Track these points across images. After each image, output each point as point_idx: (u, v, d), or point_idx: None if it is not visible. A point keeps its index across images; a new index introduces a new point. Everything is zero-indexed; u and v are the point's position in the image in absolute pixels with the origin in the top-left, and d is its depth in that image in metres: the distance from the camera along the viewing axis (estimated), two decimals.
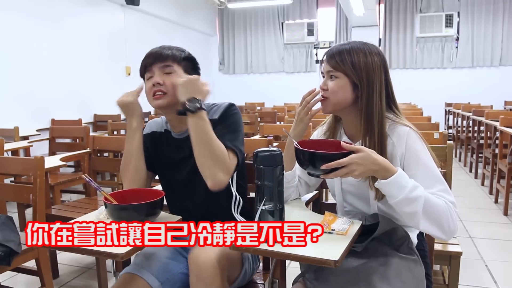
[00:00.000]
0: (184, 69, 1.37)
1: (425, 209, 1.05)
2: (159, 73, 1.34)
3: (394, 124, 1.20)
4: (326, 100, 1.22)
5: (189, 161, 1.34)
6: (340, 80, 1.19)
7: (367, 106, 1.17)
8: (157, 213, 1.20)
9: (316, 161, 1.05)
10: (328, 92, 1.21)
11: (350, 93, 1.19)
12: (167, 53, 1.34)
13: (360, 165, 1.03)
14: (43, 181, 1.74)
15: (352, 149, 1.05)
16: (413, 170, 1.14)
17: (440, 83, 8.10)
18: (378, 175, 1.06)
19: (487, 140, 4.43)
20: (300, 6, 8.81)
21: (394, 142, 1.18)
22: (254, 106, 7.18)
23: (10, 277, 2.42)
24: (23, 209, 3.29)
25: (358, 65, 1.17)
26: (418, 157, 1.15)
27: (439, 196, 1.10)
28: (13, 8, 4.54)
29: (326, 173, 1.05)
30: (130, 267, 1.29)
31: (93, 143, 2.57)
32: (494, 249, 2.81)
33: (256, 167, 1.03)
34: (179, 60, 1.36)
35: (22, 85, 4.64)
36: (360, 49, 1.19)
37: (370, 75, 1.17)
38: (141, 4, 6.40)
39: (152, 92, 1.34)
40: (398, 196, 1.05)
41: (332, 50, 1.22)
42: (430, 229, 1.08)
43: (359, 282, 1.08)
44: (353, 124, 1.26)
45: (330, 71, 1.21)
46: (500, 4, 7.67)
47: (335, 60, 1.19)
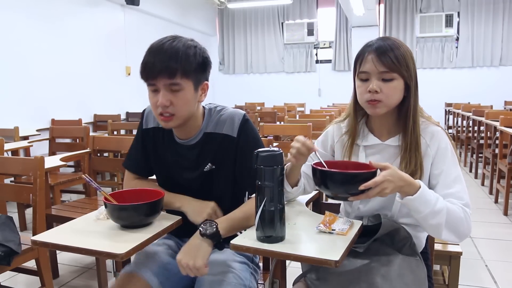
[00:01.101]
0: (194, 81, 1.19)
1: (447, 219, 1.06)
2: (166, 91, 1.17)
3: (425, 123, 1.20)
4: (378, 103, 1.14)
5: (196, 171, 1.31)
6: (396, 82, 1.13)
7: (414, 105, 1.16)
8: (157, 213, 1.20)
9: (347, 183, 1.02)
10: (381, 95, 1.13)
11: (402, 94, 1.16)
12: (175, 66, 1.14)
13: (391, 182, 1.01)
14: (43, 181, 1.74)
15: (381, 167, 1.03)
16: (439, 170, 1.15)
17: (440, 83, 8.10)
18: (403, 190, 1.04)
19: (487, 140, 4.43)
20: (300, 6, 8.81)
21: (427, 141, 1.17)
22: (254, 106, 7.18)
23: (10, 277, 2.42)
24: (23, 209, 3.29)
25: (408, 64, 1.13)
26: (446, 156, 1.16)
27: (454, 201, 1.10)
28: (13, 8, 4.54)
29: (356, 195, 1.02)
30: (130, 266, 1.28)
31: (93, 143, 2.57)
32: (494, 249, 2.81)
33: (256, 167, 1.02)
34: (189, 73, 1.17)
35: (22, 85, 4.64)
36: (403, 46, 1.13)
37: (416, 71, 1.15)
38: (141, 4, 6.40)
39: (158, 112, 1.20)
40: (424, 211, 1.04)
41: (381, 48, 1.12)
42: (450, 237, 1.08)
43: (361, 282, 1.08)
44: (385, 124, 1.23)
45: (385, 72, 1.12)
46: (500, 4, 7.67)
47: (391, 60, 1.10)
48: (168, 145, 1.35)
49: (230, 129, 1.28)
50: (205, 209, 1.26)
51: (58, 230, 1.18)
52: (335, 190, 1.05)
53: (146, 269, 1.26)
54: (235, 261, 1.31)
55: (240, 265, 1.30)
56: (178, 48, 1.16)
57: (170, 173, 1.37)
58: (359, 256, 1.13)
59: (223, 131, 1.29)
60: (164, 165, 1.37)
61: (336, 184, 1.04)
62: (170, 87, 1.16)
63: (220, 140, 1.29)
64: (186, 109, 1.21)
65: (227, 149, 1.29)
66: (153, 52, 1.17)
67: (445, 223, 1.06)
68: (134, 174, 1.44)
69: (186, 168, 1.33)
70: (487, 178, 4.42)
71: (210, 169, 1.31)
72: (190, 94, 1.20)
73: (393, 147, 1.22)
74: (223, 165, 1.30)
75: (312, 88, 9.00)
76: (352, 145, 1.27)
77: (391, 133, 1.22)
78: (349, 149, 1.27)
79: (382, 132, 1.25)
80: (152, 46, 1.19)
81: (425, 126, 1.19)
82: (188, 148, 1.32)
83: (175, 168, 1.35)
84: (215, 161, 1.31)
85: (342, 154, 1.30)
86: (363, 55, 1.16)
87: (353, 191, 1.02)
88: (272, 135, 3.60)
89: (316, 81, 9.01)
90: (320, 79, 8.97)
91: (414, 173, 1.14)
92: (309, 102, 8.12)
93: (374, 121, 1.25)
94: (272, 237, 1.02)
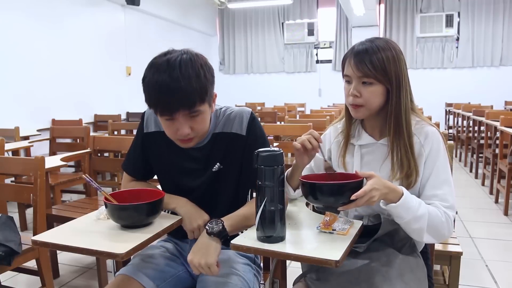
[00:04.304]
0: (209, 101, 1.17)
1: (428, 224, 1.08)
2: (185, 120, 1.13)
3: (420, 123, 1.20)
4: (360, 107, 1.17)
5: (204, 172, 1.31)
6: (375, 87, 1.14)
7: (396, 108, 1.16)
8: (157, 213, 1.20)
9: (336, 193, 1.03)
10: (361, 99, 1.15)
11: (383, 98, 1.16)
12: (193, 99, 1.09)
13: (378, 190, 1.02)
14: (44, 181, 1.74)
15: (366, 176, 1.05)
16: (429, 170, 1.16)
17: (440, 83, 8.10)
18: (388, 197, 1.06)
19: (488, 140, 4.43)
20: (300, 6, 8.81)
21: (421, 141, 1.18)
22: (254, 106, 7.18)
23: (11, 277, 2.42)
24: (24, 209, 3.29)
25: (389, 68, 1.12)
26: (437, 157, 1.16)
27: (437, 204, 1.12)
28: (13, 8, 4.54)
29: (345, 205, 1.04)
30: (126, 268, 1.27)
31: (94, 143, 2.57)
32: (494, 249, 2.81)
33: (257, 167, 1.02)
34: (205, 97, 1.13)
35: (23, 85, 4.65)
36: (386, 48, 1.14)
37: (399, 76, 1.14)
38: (142, 4, 6.40)
39: (177, 138, 1.19)
40: (407, 217, 1.07)
41: (359, 52, 1.14)
42: (431, 240, 1.11)
43: (361, 282, 1.08)
44: (376, 125, 1.24)
45: (362, 77, 1.14)
46: (500, 4, 7.67)
47: (367, 66, 1.12)
48: (173, 149, 1.29)
49: (239, 128, 1.28)
50: (197, 219, 1.24)
51: (58, 230, 1.18)
52: (324, 201, 1.06)
53: (141, 272, 1.25)
54: (238, 262, 1.31)
55: (243, 267, 1.30)
56: (190, 76, 1.08)
57: (175, 176, 1.35)
58: (359, 256, 1.13)
59: (232, 130, 1.28)
60: (169, 168, 1.35)
61: (324, 195, 1.06)
62: (189, 115, 1.13)
63: (229, 139, 1.28)
64: (204, 127, 1.21)
65: (236, 148, 1.28)
66: (165, 88, 1.07)
67: (427, 227, 1.08)
68: (132, 177, 1.43)
69: (193, 170, 1.32)
70: (488, 178, 4.42)
71: (218, 169, 1.30)
72: (207, 114, 1.19)
73: (386, 146, 1.22)
74: (230, 164, 1.30)
75: (313, 88, 9.00)
76: (346, 144, 1.28)
77: (382, 133, 1.23)
78: (344, 148, 1.29)
79: (375, 131, 1.26)
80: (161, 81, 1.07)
81: (421, 126, 1.19)
82: (196, 151, 1.30)
83: (181, 171, 1.33)
84: (223, 161, 1.30)
85: (337, 154, 1.31)
86: (346, 58, 1.19)
87: (342, 201, 1.04)
88: (272, 135, 3.60)
89: (317, 81, 9.01)
90: (321, 79, 8.97)
91: (409, 175, 1.15)
92: (310, 102, 8.12)
93: (368, 124, 1.27)
94: (273, 237, 1.02)
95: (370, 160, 1.24)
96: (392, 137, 1.17)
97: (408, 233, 1.13)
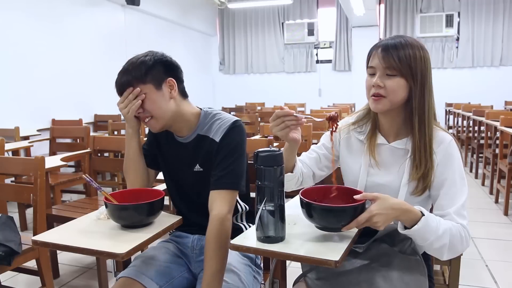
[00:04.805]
0: (153, 82, 1.28)
1: (450, 240, 1.05)
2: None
3: (435, 129, 1.18)
4: (382, 99, 1.14)
5: (189, 169, 1.36)
6: (398, 79, 1.12)
7: (420, 106, 1.14)
8: (157, 213, 1.21)
9: (331, 216, 1.00)
10: (385, 90, 1.13)
11: (405, 93, 1.14)
12: (129, 78, 1.29)
13: (381, 215, 0.98)
14: (44, 181, 1.74)
15: (368, 198, 1.01)
16: (443, 176, 1.13)
17: (440, 83, 8.02)
18: (401, 219, 1.03)
19: (488, 140, 4.43)
20: (300, 6, 8.81)
21: (434, 148, 1.15)
22: (254, 106, 7.19)
23: (11, 277, 2.42)
24: (24, 209, 3.29)
25: (415, 65, 1.12)
26: (452, 164, 1.14)
27: (454, 217, 1.09)
28: (13, 8, 4.54)
29: (345, 226, 1.00)
30: (128, 270, 1.26)
31: (94, 143, 2.57)
32: (494, 249, 2.81)
33: (256, 167, 1.03)
34: (142, 80, 1.27)
35: (23, 85, 4.64)
36: (415, 46, 1.13)
37: (425, 74, 1.14)
38: (142, 4, 6.40)
39: (141, 118, 1.32)
40: (430, 237, 1.03)
41: (388, 45, 1.13)
42: (450, 256, 1.08)
43: (361, 282, 1.08)
44: (393, 123, 1.21)
45: (387, 68, 1.13)
46: (500, 4, 7.67)
47: (393, 59, 1.11)
48: (170, 142, 1.41)
49: (216, 135, 1.32)
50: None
51: (58, 230, 1.18)
52: (323, 223, 1.03)
53: (144, 274, 1.25)
54: (239, 263, 1.31)
55: (244, 267, 1.30)
56: (130, 62, 1.33)
57: (170, 169, 1.43)
58: (359, 256, 1.13)
59: (211, 135, 1.32)
60: (166, 162, 1.43)
61: (323, 218, 1.02)
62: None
63: (208, 144, 1.32)
64: (157, 107, 1.28)
65: (211, 154, 1.32)
66: (118, 75, 1.34)
67: (449, 244, 1.05)
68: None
69: (183, 165, 1.38)
70: (488, 178, 4.42)
71: (198, 171, 1.35)
72: (154, 95, 1.27)
73: (400, 149, 1.20)
74: (208, 169, 1.32)
75: (313, 88, 9.00)
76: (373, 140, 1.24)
77: (398, 135, 1.21)
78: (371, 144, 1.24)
79: (390, 133, 1.23)
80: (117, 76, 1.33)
81: (434, 131, 1.17)
82: (184, 146, 1.37)
83: (174, 164, 1.41)
84: (203, 165, 1.34)
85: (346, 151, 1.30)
86: (372, 51, 1.18)
87: (342, 223, 0.99)
88: (272, 135, 3.59)
89: (317, 81, 9.01)
90: (321, 79, 8.97)
91: (425, 175, 1.13)
92: (310, 102, 8.11)
93: (384, 121, 1.24)
94: (272, 237, 1.02)
95: (381, 162, 1.22)
96: (418, 134, 1.15)
97: (428, 252, 1.11)
